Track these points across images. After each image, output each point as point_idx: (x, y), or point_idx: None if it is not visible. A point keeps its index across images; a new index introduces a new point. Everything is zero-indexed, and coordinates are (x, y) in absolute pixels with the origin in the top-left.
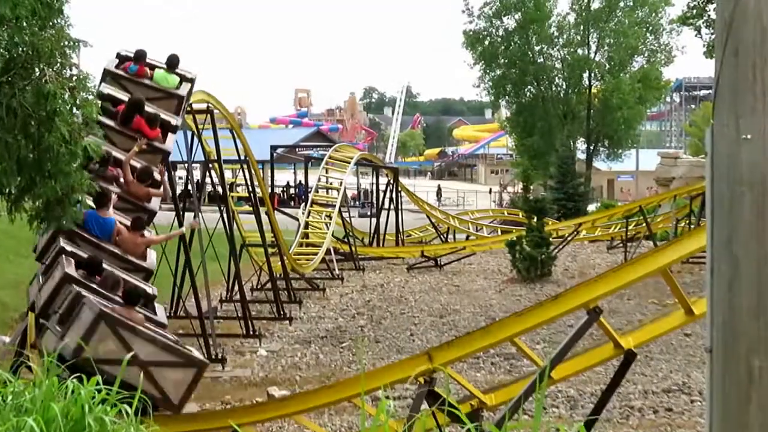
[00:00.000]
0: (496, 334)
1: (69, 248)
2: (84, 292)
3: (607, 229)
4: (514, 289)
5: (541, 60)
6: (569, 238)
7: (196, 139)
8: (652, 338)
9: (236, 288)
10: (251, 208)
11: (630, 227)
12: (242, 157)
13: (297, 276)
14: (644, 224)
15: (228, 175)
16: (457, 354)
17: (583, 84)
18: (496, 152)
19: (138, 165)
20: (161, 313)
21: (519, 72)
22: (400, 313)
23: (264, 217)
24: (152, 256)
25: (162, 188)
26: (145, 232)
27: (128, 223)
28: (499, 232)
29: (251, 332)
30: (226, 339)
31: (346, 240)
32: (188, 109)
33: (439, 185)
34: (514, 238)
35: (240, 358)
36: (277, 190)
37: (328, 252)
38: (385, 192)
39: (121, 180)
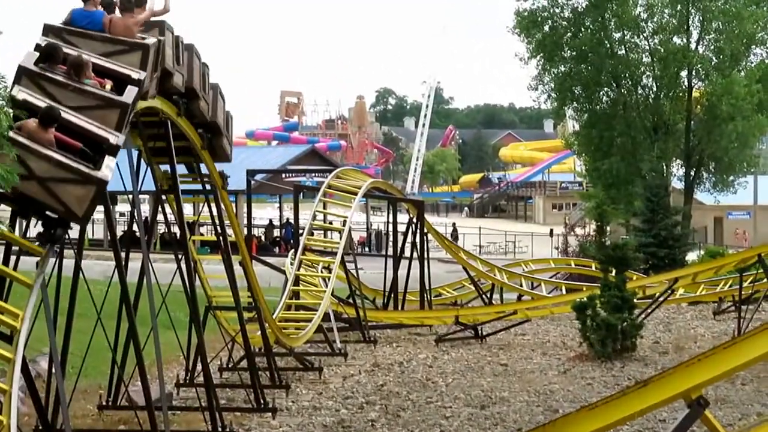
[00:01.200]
0: None
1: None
2: None
3: (713, 287)
4: (585, 370)
5: (623, 52)
6: (661, 299)
7: (144, 162)
8: None
9: (199, 367)
10: (220, 257)
11: (745, 284)
12: (208, 186)
13: (283, 351)
14: (765, 280)
15: (188, 210)
16: None
17: (681, 85)
18: (560, 179)
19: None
20: (108, 166)
21: (592, 68)
22: (425, 402)
23: (238, 269)
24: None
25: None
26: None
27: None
28: (564, 291)
29: (220, 428)
30: None
31: (351, 301)
32: (133, 119)
33: (454, 225)
34: (585, 299)
35: None
36: (257, 232)
37: (326, 318)
38: (405, 235)
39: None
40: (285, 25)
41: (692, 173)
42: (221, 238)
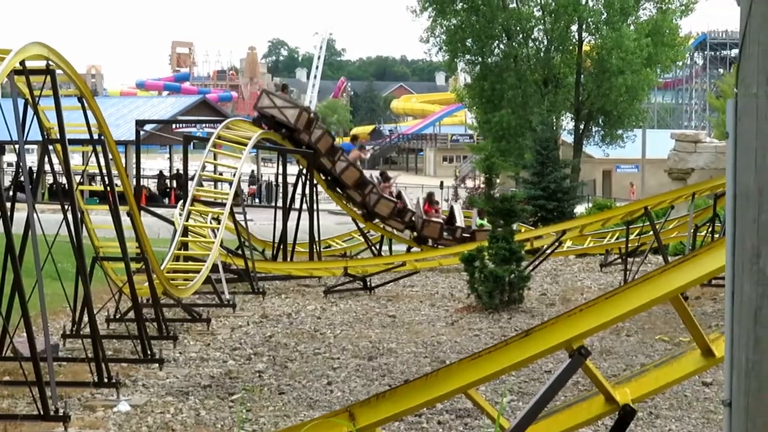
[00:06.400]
0: (446, 384)
1: None
2: None
3: (601, 239)
4: (472, 321)
5: (514, 5)
6: (549, 251)
7: (30, 111)
8: (659, 389)
9: (86, 318)
10: (107, 208)
11: (632, 236)
12: (96, 136)
13: (171, 302)
14: (651, 233)
15: (75, 160)
16: (391, 411)
17: (572, 39)
18: (450, 132)
19: None
20: None
21: (483, 21)
22: (313, 353)
23: (125, 220)
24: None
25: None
26: None
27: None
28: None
29: (106, 379)
30: (70, 388)
31: (240, 252)
32: (19, 68)
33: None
34: (473, 251)
35: (89, 415)
36: (146, 183)
37: (215, 269)
38: (295, 186)
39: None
40: None
41: (582, 126)
42: (109, 188)
